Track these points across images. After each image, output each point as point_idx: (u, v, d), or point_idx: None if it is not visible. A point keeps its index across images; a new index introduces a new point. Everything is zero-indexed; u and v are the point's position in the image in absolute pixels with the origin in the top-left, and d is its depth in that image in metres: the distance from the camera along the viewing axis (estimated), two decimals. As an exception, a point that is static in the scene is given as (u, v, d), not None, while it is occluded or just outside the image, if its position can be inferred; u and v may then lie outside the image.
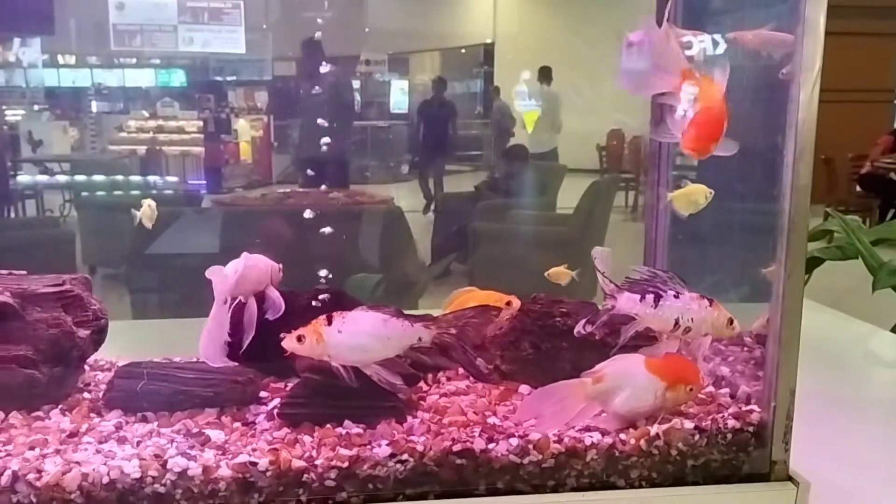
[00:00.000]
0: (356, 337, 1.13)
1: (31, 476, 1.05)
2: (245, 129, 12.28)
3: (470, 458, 1.13)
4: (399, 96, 17.19)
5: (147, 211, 1.69)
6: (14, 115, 11.24)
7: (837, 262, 2.87)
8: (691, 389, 1.20)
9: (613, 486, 1.17)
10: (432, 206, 8.70)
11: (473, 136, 15.75)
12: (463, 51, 17.60)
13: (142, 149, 11.11)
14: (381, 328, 1.14)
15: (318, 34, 1.71)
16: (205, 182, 10.68)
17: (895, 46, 10.97)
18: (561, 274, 1.61)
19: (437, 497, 1.13)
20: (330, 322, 1.13)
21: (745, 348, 1.48)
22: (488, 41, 16.99)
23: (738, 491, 1.18)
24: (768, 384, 1.18)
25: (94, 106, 12.55)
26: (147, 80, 12.61)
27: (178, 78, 12.62)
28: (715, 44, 1.93)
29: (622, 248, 1.55)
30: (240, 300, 1.24)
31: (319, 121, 1.64)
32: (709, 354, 1.37)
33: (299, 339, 1.13)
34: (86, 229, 6.78)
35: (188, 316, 1.53)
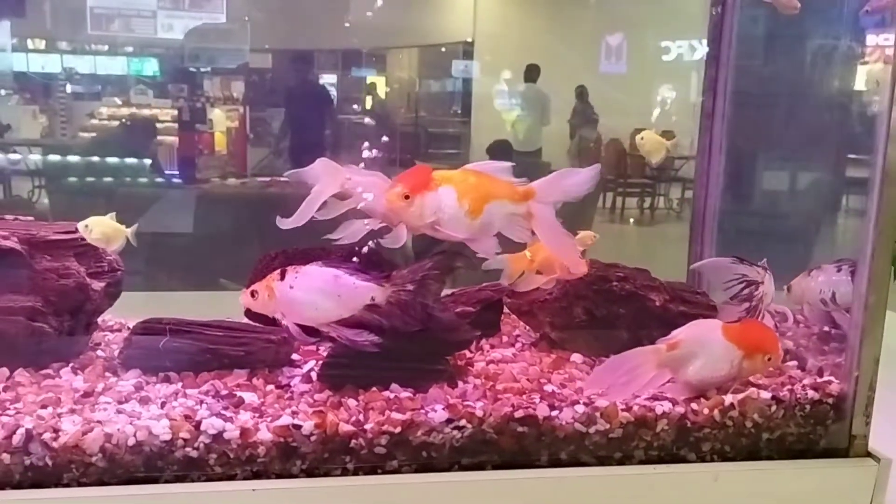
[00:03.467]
0: (307, 293, 1.03)
1: (46, 436, 0.93)
2: (220, 120, 12.05)
3: (532, 426, 1.03)
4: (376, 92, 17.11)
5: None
6: (-18, 98, 10.94)
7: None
8: (769, 359, 1.11)
9: (684, 460, 1.08)
10: None
11: (451, 133, 15.70)
12: (443, 49, 17.54)
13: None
14: (332, 285, 1.04)
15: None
16: (178, 171, 10.46)
17: None
18: (586, 237, 1.54)
19: (496, 467, 1.03)
20: (283, 277, 1.03)
21: (802, 325, 1.41)
22: (468, 40, 16.94)
23: (816, 466, 1.09)
24: (851, 352, 1.10)
25: (66, 91, 12.24)
26: (120, 67, 12.32)
27: (153, 65, 12.36)
28: (692, 49, 1.86)
29: (605, 247, 1.52)
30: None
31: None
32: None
33: (253, 294, 1.03)
34: (57, 214, 6.58)
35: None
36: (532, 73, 9.96)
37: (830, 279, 1.27)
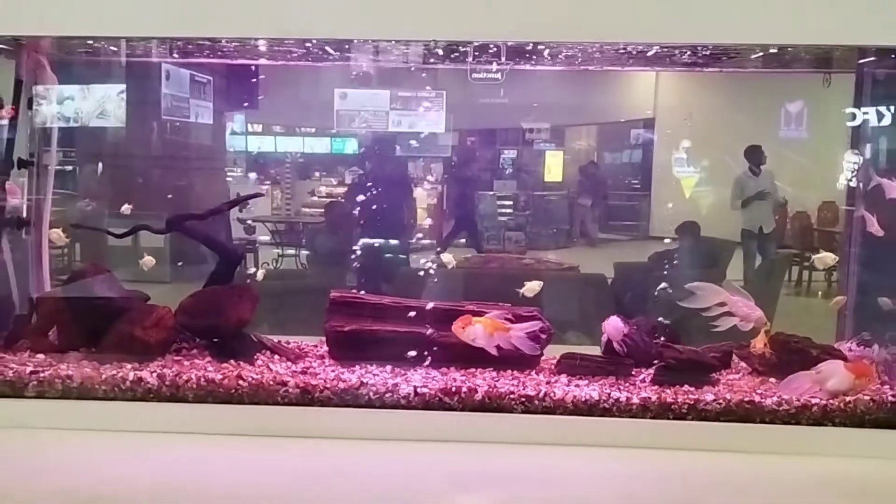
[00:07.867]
0: (608, 327, 2.61)
1: (568, 397, 2.46)
2: (421, 198, 14.17)
3: (752, 404, 2.45)
4: (554, 166, 18.83)
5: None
6: (227, 178, 13.49)
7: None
8: (868, 380, 2.47)
9: (823, 425, 2.45)
10: None
11: (630, 206, 17.06)
12: (622, 120, 19.01)
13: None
14: (615, 324, 2.63)
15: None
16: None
17: None
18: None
19: (735, 421, 2.45)
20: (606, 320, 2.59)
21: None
22: (648, 113, 18.28)
23: (892, 434, 2.42)
24: (909, 378, 2.44)
25: (291, 173, 14.69)
26: (338, 150, 14.71)
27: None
28: (880, 116, 3.02)
29: (789, 320, 2.96)
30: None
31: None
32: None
33: (603, 328, 2.61)
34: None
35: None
36: (755, 156, 10.63)
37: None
